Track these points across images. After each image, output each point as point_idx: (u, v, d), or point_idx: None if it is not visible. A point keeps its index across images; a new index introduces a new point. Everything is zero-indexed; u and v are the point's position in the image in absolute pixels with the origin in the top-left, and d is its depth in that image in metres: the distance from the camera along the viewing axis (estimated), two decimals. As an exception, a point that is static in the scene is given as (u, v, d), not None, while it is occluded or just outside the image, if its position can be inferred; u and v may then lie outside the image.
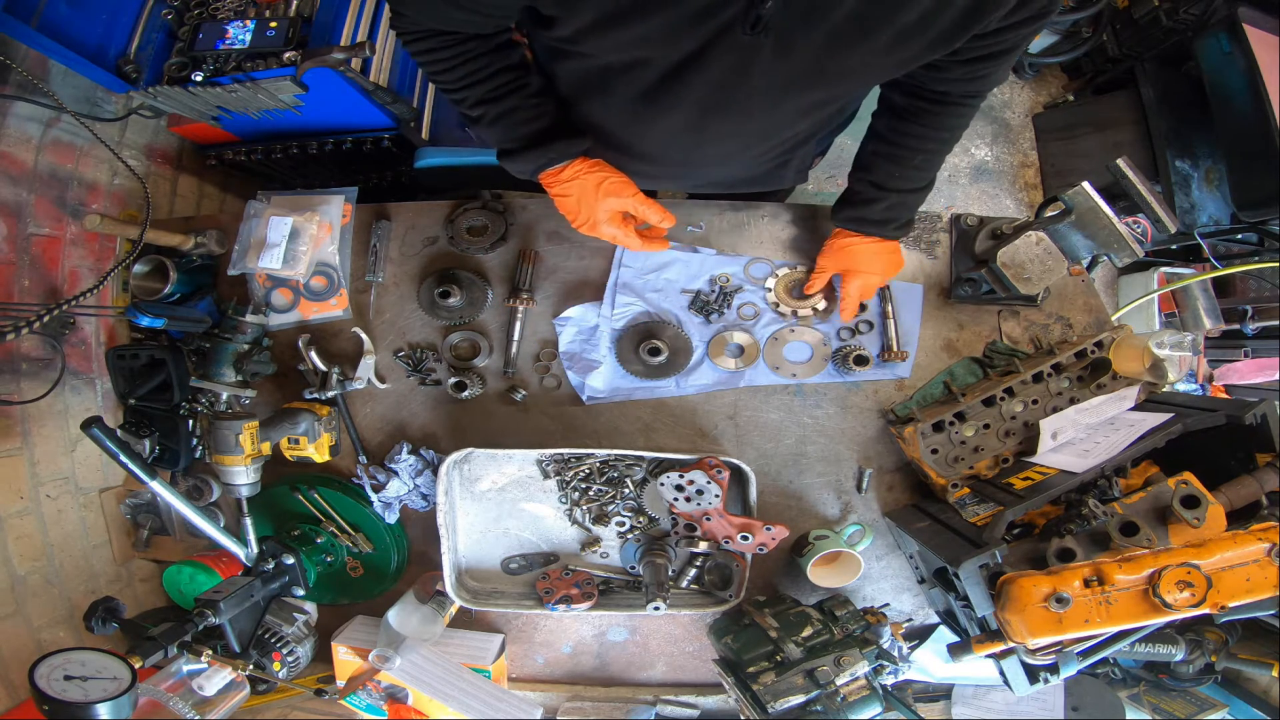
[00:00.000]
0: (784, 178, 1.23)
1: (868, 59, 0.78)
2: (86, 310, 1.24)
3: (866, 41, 0.74)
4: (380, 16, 1.37)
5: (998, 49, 0.82)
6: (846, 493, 1.27)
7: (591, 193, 0.98)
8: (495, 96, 0.91)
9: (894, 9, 0.71)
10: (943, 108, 0.95)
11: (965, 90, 0.93)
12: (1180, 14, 2.06)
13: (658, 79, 0.84)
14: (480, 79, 0.89)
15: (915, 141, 0.99)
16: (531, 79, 0.93)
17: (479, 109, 0.92)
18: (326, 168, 1.56)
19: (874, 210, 1.07)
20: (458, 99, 0.92)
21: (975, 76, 0.88)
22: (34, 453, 1.18)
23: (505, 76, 0.90)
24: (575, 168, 0.97)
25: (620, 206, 1.00)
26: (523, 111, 0.93)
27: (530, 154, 0.95)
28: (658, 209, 1.01)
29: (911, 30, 0.74)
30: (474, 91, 0.90)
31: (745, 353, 1.25)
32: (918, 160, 1.02)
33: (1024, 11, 0.75)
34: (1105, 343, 1.20)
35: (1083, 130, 2.36)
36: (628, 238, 1.03)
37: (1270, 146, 1.80)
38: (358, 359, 1.25)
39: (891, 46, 0.75)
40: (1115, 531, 0.90)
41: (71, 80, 1.21)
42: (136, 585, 1.35)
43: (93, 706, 0.76)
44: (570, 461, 1.23)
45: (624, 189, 0.99)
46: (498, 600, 1.23)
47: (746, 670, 1.05)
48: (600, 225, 1.00)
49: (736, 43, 0.75)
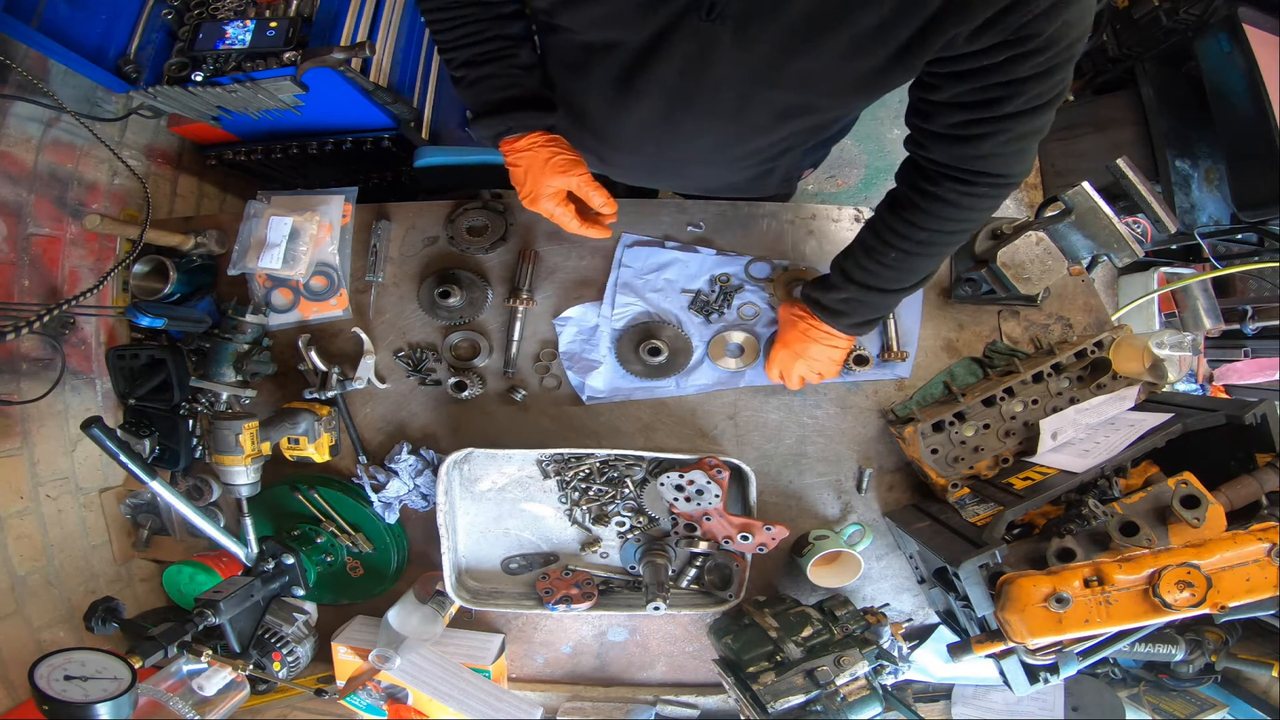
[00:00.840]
0: (767, 187, 1.22)
1: (826, 63, 0.76)
2: (86, 310, 1.24)
3: (823, 42, 0.73)
4: (380, 16, 1.37)
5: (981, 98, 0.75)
6: (846, 493, 1.27)
7: (539, 166, 0.97)
8: (479, 60, 0.92)
9: (850, 10, 0.70)
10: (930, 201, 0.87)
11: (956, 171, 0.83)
12: (1180, 14, 2.06)
13: (629, 62, 0.85)
14: (471, 42, 0.91)
15: (894, 236, 0.92)
16: (521, 52, 0.94)
17: (462, 70, 0.93)
18: (326, 168, 1.56)
19: (830, 296, 1.03)
20: (448, 58, 0.94)
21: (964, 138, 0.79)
22: (34, 453, 1.18)
23: (495, 44, 0.91)
24: (531, 139, 0.96)
25: (565, 185, 0.98)
26: (499, 79, 0.93)
27: (493, 119, 0.96)
28: (602, 193, 1.00)
29: (869, 36, 0.71)
30: (462, 53, 0.92)
31: (745, 353, 1.25)
32: (890, 257, 0.94)
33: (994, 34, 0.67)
34: (1105, 343, 1.20)
35: (1083, 130, 2.36)
36: (566, 218, 1.01)
37: (1270, 146, 1.80)
38: (358, 359, 1.25)
39: (850, 51, 0.74)
40: (1115, 531, 0.90)
41: (71, 80, 1.21)
42: (136, 585, 1.35)
43: (93, 706, 0.76)
44: (570, 461, 1.23)
45: (572, 167, 0.97)
46: (498, 600, 1.23)
47: (746, 670, 1.05)
48: (541, 200, 0.99)
49: (696, 29, 0.76)
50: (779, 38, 0.75)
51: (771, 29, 0.74)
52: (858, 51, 0.74)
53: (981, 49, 0.70)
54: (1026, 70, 0.71)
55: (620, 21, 0.79)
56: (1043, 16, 0.66)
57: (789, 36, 0.74)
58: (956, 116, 0.78)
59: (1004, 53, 0.69)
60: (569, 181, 0.98)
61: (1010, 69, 0.71)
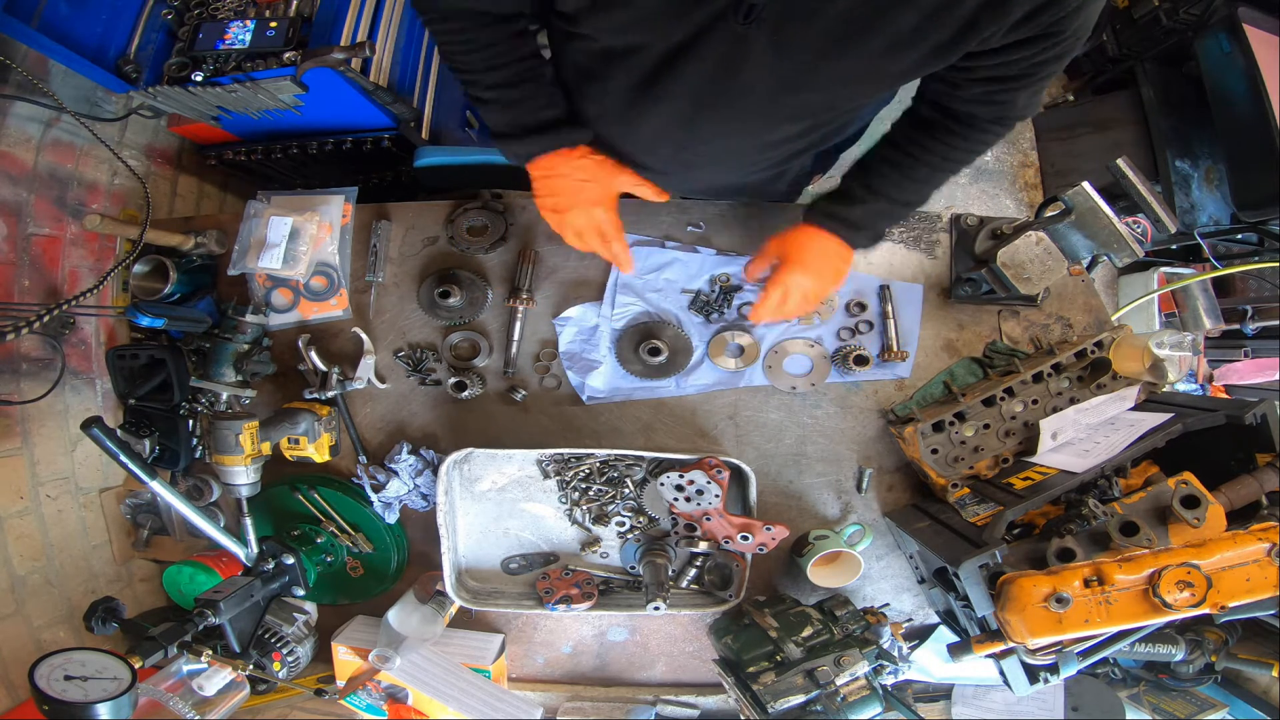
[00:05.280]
0: (776, 191, 1.22)
1: (863, 64, 0.77)
2: (86, 310, 1.24)
3: (861, 45, 0.74)
4: (380, 16, 1.37)
5: (1012, 72, 0.80)
6: (846, 493, 1.27)
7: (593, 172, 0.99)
8: (510, 82, 0.91)
9: (888, 13, 0.70)
10: (965, 128, 0.93)
11: (989, 114, 0.90)
12: (1180, 14, 2.06)
13: (653, 66, 0.84)
14: (499, 65, 0.90)
15: (924, 153, 0.97)
16: (546, 69, 0.94)
17: (493, 92, 0.93)
18: (326, 168, 1.56)
19: (854, 211, 1.02)
20: (471, 80, 0.93)
21: (993, 100, 0.87)
22: (34, 453, 1.18)
23: (523, 65, 0.91)
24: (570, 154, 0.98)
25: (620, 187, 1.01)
26: (534, 100, 0.94)
27: (532, 140, 0.96)
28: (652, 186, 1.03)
29: (907, 38, 0.73)
30: (490, 76, 0.91)
31: (745, 353, 1.25)
32: (921, 172, 0.98)
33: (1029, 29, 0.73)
34: (1105, 343, 1.20)
35: (1083, 130, 2.36)
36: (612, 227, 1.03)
37: (1270, 146, 1.80)
38: (358, 359, 1.25)
39: (886, 53, 0.74)
40: (1115, 531, 0.90)
41: (71, 80, 1.20)
42: (136, 585, 1.35)
43: (93, 706, 0.76)
44: (570, 461, 1.23)
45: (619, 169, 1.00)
46: (498, 600, 1.23)
47: (746, 670, 1.05)
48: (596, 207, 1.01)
49: (730, 33, 0.75)
50: (815, 40, 0.74)
51: (808, 32, 0.74)
52: (894, 52, 0.75)
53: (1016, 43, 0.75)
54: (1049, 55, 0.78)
55: (649, 26, 0.78)
56: (1073, 14, 0.72)
57: (825, 39, 0.74)
58: (977, 89, 0.85)
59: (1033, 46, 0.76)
60: (623, 182, 1.00)
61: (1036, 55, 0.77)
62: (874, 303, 1.26)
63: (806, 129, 0.97)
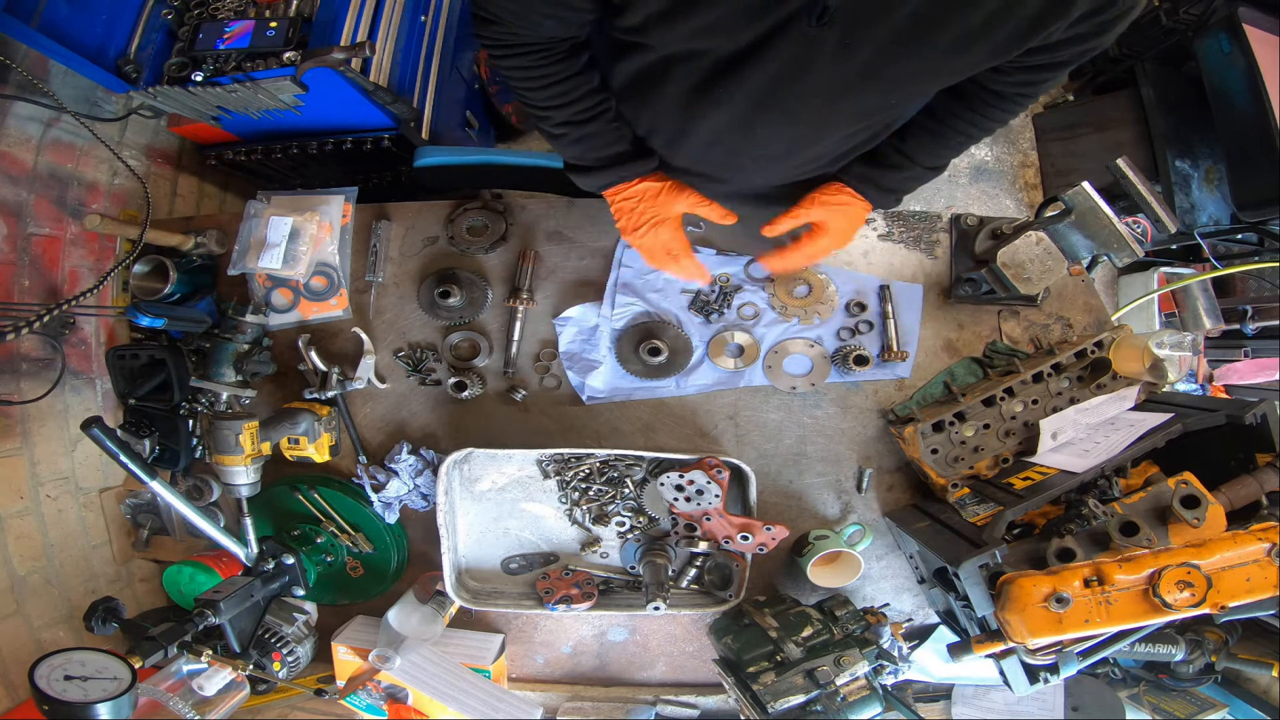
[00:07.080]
0: None
1: (925, 63, 0.78)
2: (86, 310, 1.24)
3: (927, 43, 0.74)
4: (380, 16, 1.37)
5: (1058, 60, 0.83)
6: (846, 493, 1.27)
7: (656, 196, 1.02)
8: (579, 120, 0.94)
9: (956, 12, 0.71)
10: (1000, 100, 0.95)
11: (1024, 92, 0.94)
12: (1180, 14, 2.06)
13: (711, 71, 0.84)
14: (567, 101, 0.92)
15: (961, 123, 0.99)
16: (612, 102, 0.96)
17: (563, 129, 0.95)
18: (326, 168, 1.56)
19: (891, 178, 1.05)
20: (542, 116, 0.95)
21: (1034, 82, 0.90)
22: (34, 453, 1.18)
23: (590, 100, 0.93)
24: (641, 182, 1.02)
25: (684, 208, 1.04)
26: (604, 135, 0.97)
27: (606, 173, 1.00)
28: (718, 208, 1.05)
29: (973, 35, 0.73)
30: (561, 113, 0.93)
31: (745, 353, 1.25)
32: (956, 141, 1.01)
33: (1085, 25, 0.76)
34: (1105, 343, 1.20)
35: (1083, 130, 2.36)
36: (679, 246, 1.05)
37: (1270, 146, 1.80)
38: (358, 359, 1.25)
39: (950, 51, 0.75)
40: (1115, 531, 0.90)
41: (71, 80, 1.21)
42: (136, 585, 1.35)
43: (93, 706, 0.76)
44: (570, 461, 1.23)
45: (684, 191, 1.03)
46: (498, 600, 1.23)
47: (746, 670, 1.04)
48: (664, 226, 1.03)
49: (801, 35, 0.75)
50: (882, 40, 0.74)
51: (876, 32, 0.74)
52: (957, 51, 0.75)
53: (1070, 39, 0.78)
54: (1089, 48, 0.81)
55: (720, 30, 0.77)
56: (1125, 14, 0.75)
57: (892, 39, 0.74)
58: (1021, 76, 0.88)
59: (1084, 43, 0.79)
60: (688, 201, 1.03)
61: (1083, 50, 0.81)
62: (874, 303, 1.26)
63: (859, 129, 0.98)
